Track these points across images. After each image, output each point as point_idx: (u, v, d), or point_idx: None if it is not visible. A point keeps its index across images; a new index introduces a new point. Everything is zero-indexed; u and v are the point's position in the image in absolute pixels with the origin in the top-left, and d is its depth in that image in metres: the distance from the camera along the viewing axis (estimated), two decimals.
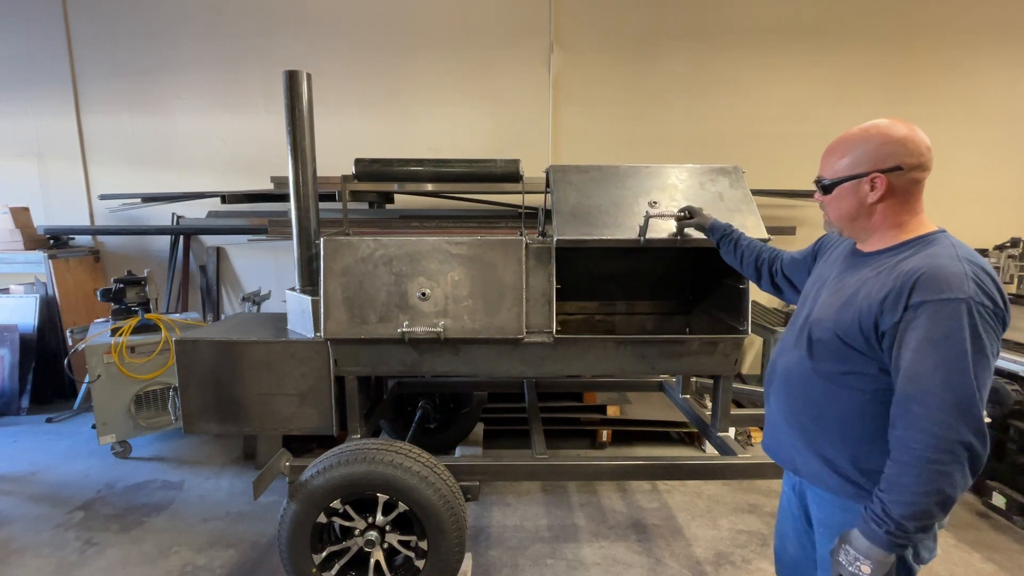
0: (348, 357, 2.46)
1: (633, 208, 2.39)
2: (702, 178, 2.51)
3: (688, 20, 4.85)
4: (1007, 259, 4.90)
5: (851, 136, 1.33)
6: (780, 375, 1.51)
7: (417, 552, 2.20)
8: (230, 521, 3.10)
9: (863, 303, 1.27)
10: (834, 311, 1.34)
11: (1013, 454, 3.15)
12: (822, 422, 1.38)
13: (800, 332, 1.45)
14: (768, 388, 1.58)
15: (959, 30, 4.86)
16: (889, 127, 1.29)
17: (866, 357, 1.29)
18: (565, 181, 2.42)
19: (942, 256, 1.20)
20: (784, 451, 1.52)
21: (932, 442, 1.14)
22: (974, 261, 1.20)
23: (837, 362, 1.34)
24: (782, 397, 1.49)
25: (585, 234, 2.31)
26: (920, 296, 1.17)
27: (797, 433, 1.45)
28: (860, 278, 1.33)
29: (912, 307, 1.18)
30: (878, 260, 1.33)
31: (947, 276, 1.16)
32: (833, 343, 1.33)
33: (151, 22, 4.90)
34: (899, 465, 1.18)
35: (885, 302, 1.22)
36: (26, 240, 4.68)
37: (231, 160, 5.08)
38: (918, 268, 1.20)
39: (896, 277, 1.22)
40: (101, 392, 3.70)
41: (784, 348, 1.52)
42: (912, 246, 1.28)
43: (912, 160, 1.26)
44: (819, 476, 1.40)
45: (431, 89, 4.95)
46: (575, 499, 3.34)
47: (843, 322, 1.30)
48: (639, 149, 4.95)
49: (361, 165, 2.73)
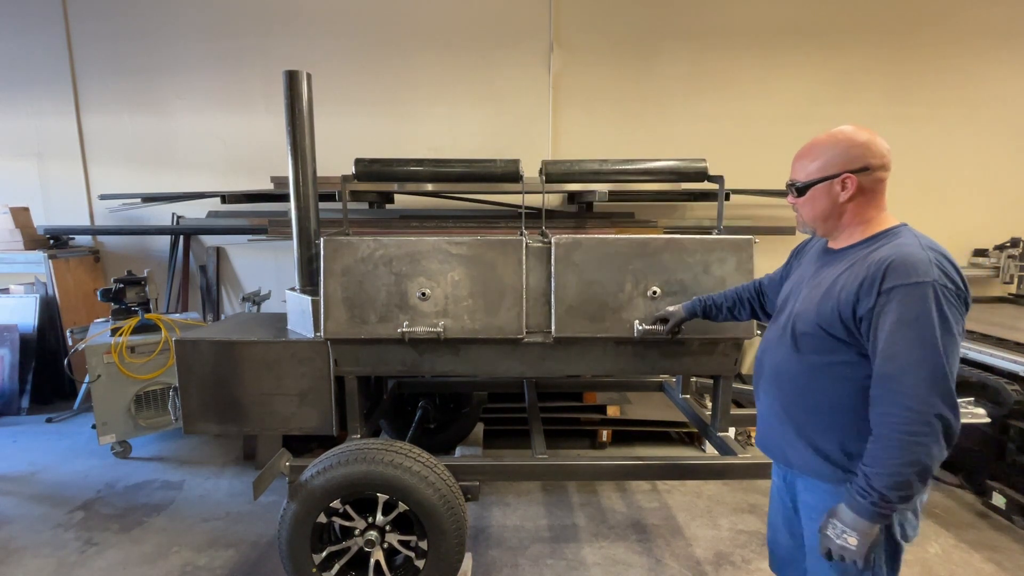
0: (348, 357, 2.46)
1: (633, 297, 2.38)
2: (709, 257, 2.40)
3: (688, 20, 4.85)
4: (1007, 259, 4.90)
5: (820, 142, 1.44)
6: (768, 371, 1.58)
7: (417, 552, 2.20)
8: (230, 521, 3.10)
9: (841, 294, 1.36)
10: (815, 304, 1.43)
11: (1013, 454, 3.15)
12: (813, 412, 1.46)
13: (783, 328, 1.54)
14: (757, 385, 1.66)
15: (959, 30, 4.86)
16: (854, 132, 1.40)
17: (847, 345, 1.38)
18: (568, 261, 2.37)
19: (908, 245, 1.31)
20: (775, 444, 1.59)
21: (909, 416, 1.23)
22: (936, 249, 1.31)
23: (822, 353, 1.42)
24: (772, 392, 1.57)
25: (582, 331, 2.38)
26: (891, 281, 1.27)
27: (788, 426, 1.51)
28: (835, 271, 1.43)
29: (884, 292, 1.27)
30: (850, 254, 1.43)
31: (914, 262, 1.26)
32: (817, 334, 1.41)
33: (151, 22, 4.90)
34: (880, 440, 1.27)
35: (860, 289, 1.31)
36: (26, 240, 4.68)
37: (231, 160, 5.08)
38: (887, 256, 1.30)
39: (868, 266, 1.33)
40: (101, 392, 3.70)
41: (769, 345, 1.60)
42: (880, 239, 1.39)
43: (876, 161, 1.38)
44: (810, 465, 1.47)
45: (431, 89, 4.95)
46: (575, 499, 3.34)
47: (824, 313, 1.39)
48: (639, 149, 4.95)
49: (361, 165, 2.73)
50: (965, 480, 3.47)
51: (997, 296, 4.90)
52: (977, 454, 3.37)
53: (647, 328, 2.30)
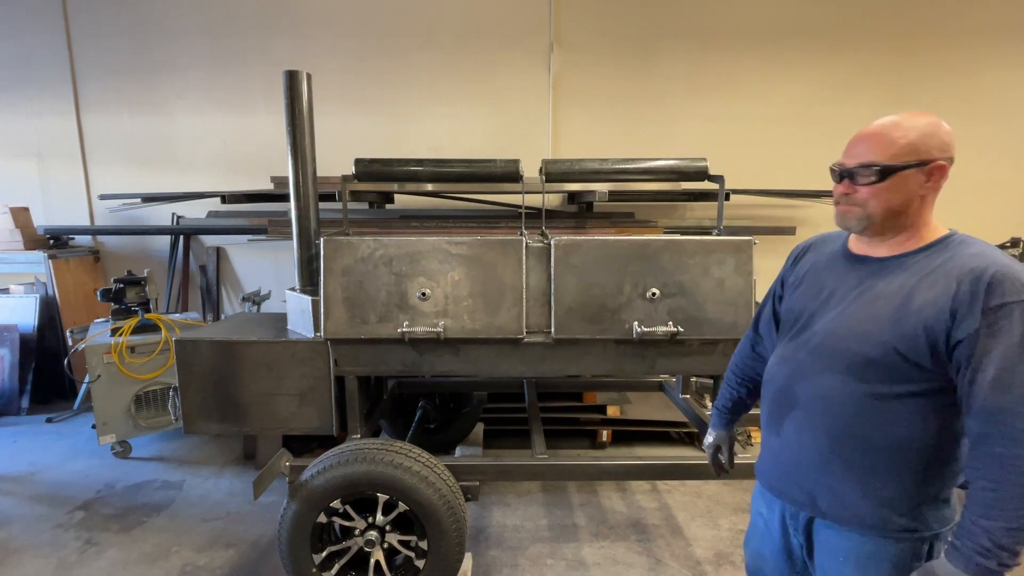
0: (348, 357, 2.46)
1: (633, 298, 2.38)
2: (709, 258, 2.37)
3: (688, 20, 4.85)
4: None
5: (907, 121, 1.21)
6: (808, 402, 1.31)
7: (417, 552, 2.21)
8: (230, 521, 3.10)
9: (925, 311, 1.14)
10: (885, 324, 1.18)
11: None
12: (872, 453, 1.23)
13: (822, 351, 1.28)
14: (782, 416, 1.38)
15: (959, 30, 4.86)
16: (938, 120, 1.21)
17: (927, 373, 1.16)
18: (567, 263, 2.37)
19: (995, 255, 1.13)
20: (800, 489, 1.34)
21: None
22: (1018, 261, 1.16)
23: (892, 382, 1.19)
24: (818, 427, 1.29)
25: (581, 333, 2.39)
26: (1000, 298, 1.08)
27: (837, 467, 1.27)
28: (902, 284, 1.20)
29: (992, 310, 1.08)
30: (913, 263, 1.21)
31: (1018, 276, 1.09)
32: (890, 360, 1.18)
33: (151, 22, 4.90)
34: (1002, 486, 1.07)
35: (956, 307, 1.11)
36: (26, 240, 4.68)
37: (231, 160, 5.08)
38: (983, 267, 1.11)
39: (959, 279, 1.12)
40: (101, 392, 3.70)
41: (801, 369, 1.33)
42: (942, 246, 1.20)
43: (952, 155, 1.21)
44: (857, 513, 1.25)
45: (431, 89, 4.95)
46: (575, 499, 3.34)
47: (905, 334, 1.16)
48: (639, 149, 4.94)
49: (361, 165, 2.73)
50: (965, 480, 3.46)
51: None
52: None
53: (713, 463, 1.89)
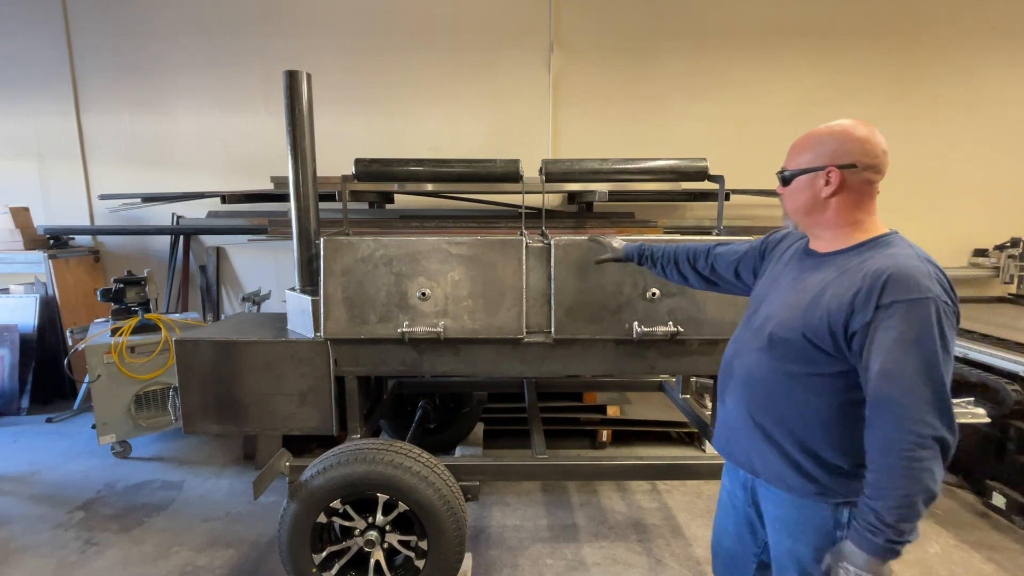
0: (348, 357, 2.46)
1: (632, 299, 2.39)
2: None
3: (688, 20, 4.85)
4: (1007, 259, 4.90)
5: (816, 133, 1.38)
6: (740, 375, 1.51)
7: (417, 552, 2.20)
8: (230, 521, 3.10)
9: (831, 303, 1.28)
10: (800, 312, 1.34)
11: (1013, 454, 3.15)
12: (786, 422, 1.39)
13: (759, 332, 1.46)
14: (724, 387, 1.59)
15: (959, 30, 4.86)
16: (852, 127, 1.33)
17: (832, 358, 1.31)
18: (567, 263, 2.37)
19: (905, 256, 1.24)
20: (741, 451, 1.52)
21: (913, 440, 1.16)
22: (932, 261, 1.26)
23: (801, 363, 1.35)
24: (743, 397, 1.49)
25: (581, 333, 2.40)
26: (891, 296, 1.20)
27: (757, 433, 1.45)
28: (823, 278, 1.35)
29: (883, 307, 1.20)
30: (838, 260, 1.35)
31: (915, 276, 1.20)
32: (799, 344, 1.34)
33: (151, 22, 4.90)
34: (885, 469, 1.19)
35: (855, 302, 1.24)
36: (26, 240, 4.68)
37: (231, 160, 5.08)
38: (885, 268, 1.23)
39: (863, 277, 1.25)
40: (101, 392, 3.70)
41: (741, 348, 1.53)
42: (871, 246, 1.32)
43: (867, 160, 1.31)
44: (781, 476, 1.41)
45: (431, 89, 4.95)
46: (575, 499, 3.34)
47: (811, 322, 1.31)
48: (639, 149, 4.94)
49: (361, 165, 2.73)
50: (965, 480, 3.47)
51: (997, 296, 4.90)
52: (977, 454, 3.37)
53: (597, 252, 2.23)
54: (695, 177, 2.76)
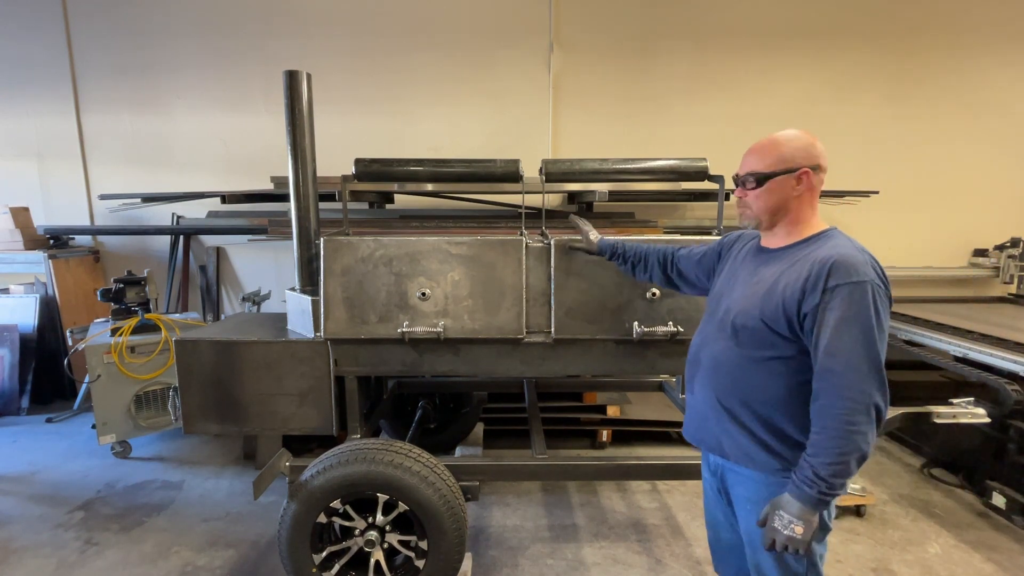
0: (348, 357, 2.46)
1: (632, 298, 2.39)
2: None
3: (688, 20, 4.85)
4: (1007, 259, 4.90)
5: (780, 137, 1.51)
6: (706, 364, 1.62)
7: (417, 552, 2.21)
8: (230, 521, 3.10)
9: (785, 291, 1.42)
10: (758, 300, 1.48)
11: (1013, 454, 3.15)
12: (751, 404, 1.51)
13: (722, 323, 1.59)
14: (692, 377, 1.70)
15: (959, 30, 4.86)
16: (807, 133, 1.50)
17: (788, 341, 1.44)
18: (567, 263, 2.37)
19: (845, 247, 1.41)
20: (711, 435, 1.62)
21: (850, 406, 1.31)
22: (868, 252, 1.42)
23: (761, 347, 1.48)
24: (709, 384, 1.60)
25: (581, 333, 2.41)
26: (835, 280, 1.35)
27: (725, 416, 1.56)
28: (776, 270, 1.49)
29: (829, 289, 1.35)
30: (788, 254, 1.50)
31: (855, 263, 1.36)
32: (759, 330, 1.47)
33: (151, 21, 4.90)
34: (825, 431, 1.34)
35: (806, 287, 1.38)
36: (26, 240, 4.68)
37: (231, 160, 5.08)
38: (830, 256, 1.38)
39: (811, 265, 1.40)
40: (101, 392, 3.70)
41: (707, 339, 1.65)
42: (816, 240, 1.48)
43: (824, 163, 1.49)
44: (747, 454, 1.52)
45: (431, 89, 4.95)
46: (575, 499, 3.34)
47: (768, 310, 1.45)
48: (639, 149, 4.94)
49: (361, 165, 2.73)
50: (965, 480, 3.47)
51: (997, 296, 4.90)
52: (977, 454, 3.37)
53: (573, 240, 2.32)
54: (695, 177, 2.76)
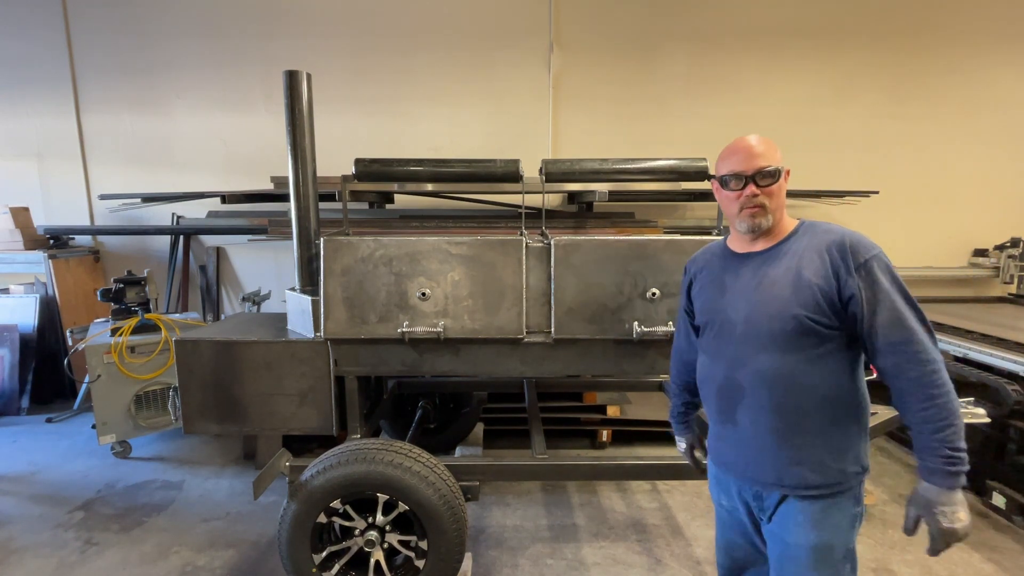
0: (348, 357, 2.46)
1: (633, 298, 2.38)
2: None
3: (688, 20, 4.85)
4: (1007, 259, 4.90)
5: (763, 137, 1.48)
6: (751, 386, 1.45)
7: (417, 552, 2.20)
8: (230, 521, 3.10)
9: (813, 279, 1.37)
10: (788, 297, 1.38)
11: (1013, 454, 3.15)
12: (813, 414, 1.40)
13: (751, 337, 1.44)
14: (730, 406, 1.50)
15: (959, 30, 4.86)
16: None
17: (834, 330, 1.37)
18: (566, 263, 2.38)
19: (838, 227, 1.43)
20: (768, 471, 1.45)
21: (936, 368, 1.28)
22: None
23: (810, 347, 1.38)
24: (761, 409, 1.44)
25: (581, 333, 2.40)
26: (861, 256, 1.34)
27: (784, 442, 1.42)
28: (787, 264, 1.42)
29: (860, 267, 1.34)
30: (787, 249, 1.45)
31: (860, 237, 1.38)
32: (803, 327, 1.37)
33: (151, 22, 4.90)
34: (933, 400, 1.27)
35: (839, 274, 1.35)
36: (26, 240, 4.68)
37: (231, 160, 5.08)
38: (838, 238, 1.38)
39: (828, 251, 1.38)
40: (101, 392, 3.70)
41: (737, 360, 1.47)
42: (802, 232, 1.47)
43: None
44: (818, 479, 1.41)
45: (431, 89, 4.95)
46: (575, 499, 3.34)
47: (804, 301, 1.37)
48: (639, 149, 4.95)
49: (361, 165, 2.73)
50: (965, 480, 3.46)
51: (997, 296, 4.90)
52: (977, 454, 3.36)
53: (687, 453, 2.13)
54: (695, 177, 2.75)
